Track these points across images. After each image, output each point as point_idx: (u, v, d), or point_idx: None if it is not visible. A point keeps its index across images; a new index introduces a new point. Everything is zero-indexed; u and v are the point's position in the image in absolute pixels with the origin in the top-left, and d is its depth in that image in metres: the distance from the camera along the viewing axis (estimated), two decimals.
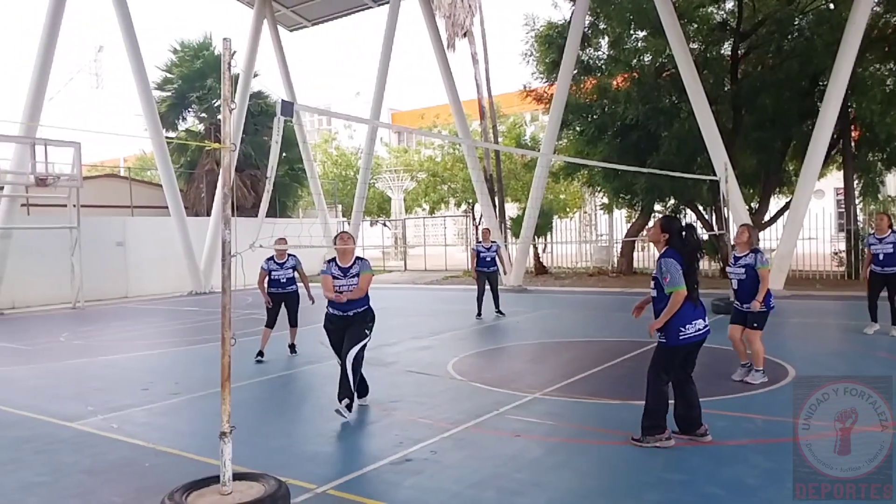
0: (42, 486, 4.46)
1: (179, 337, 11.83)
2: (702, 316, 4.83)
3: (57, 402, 6.80)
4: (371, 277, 6.09)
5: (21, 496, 4.31)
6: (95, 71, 48.34)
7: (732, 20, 18.90)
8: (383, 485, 4.34)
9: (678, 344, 4.76)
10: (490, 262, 12.42)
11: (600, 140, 19.96)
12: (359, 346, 5.81)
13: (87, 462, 4.91)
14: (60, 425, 5.89)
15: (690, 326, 4.75)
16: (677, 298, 4.66)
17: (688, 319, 4.75)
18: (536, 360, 8.72)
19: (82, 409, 6.44)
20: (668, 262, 4.73)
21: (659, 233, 4.89)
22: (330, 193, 32.83)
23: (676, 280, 4.67)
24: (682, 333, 4.74)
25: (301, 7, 24.10)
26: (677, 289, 4.67)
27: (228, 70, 3.87)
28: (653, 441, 4.76)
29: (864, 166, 18.73)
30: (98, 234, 18.58)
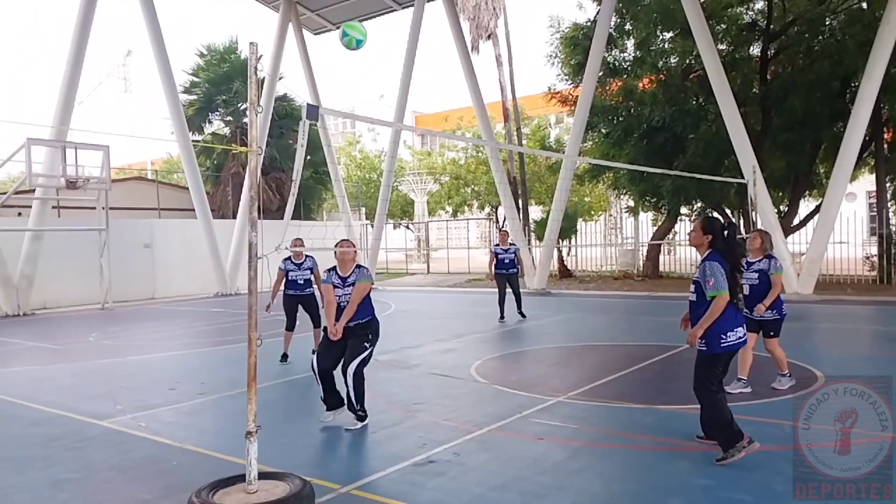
0: (72, 483, 4.53)
1: (206, 338, 11.99)
2: (742, 323, 4.64)
3: (87, 400, 6.92)
4: (367, 287, 5.66)
5: (52, 492, 4.39)
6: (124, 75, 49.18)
7: (762, 20, 18.61)
8: (406, 486, 4.34)
9: (720, 352, 4.55)
10: (509, 264, 12.31)
11: (626, 142, 19.82)
12: (359, 361, 5.51)
13: (116, 459, 4.99)
14: (90, 423, 6.00)
15: (732, 334, 4.54)
16: (720, 304, 4.45)
17: (730, 326, 4.53)
18: (560, 364, 8.67)
19: (111, 407, 6.55)
20: (713, 264, 4.51)
21: (701, 235, 4.67)
22: (354, 196, 33.04)
23: (720, 284, 4.46)
24: (723, 341, 4.53)
25: (326, 10, 24.29)
26: (720, 293, 4.45)
27: (255, 74, 3.91)
28: (736, 452, 4.43)
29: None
30: (126, 235, 18.94)
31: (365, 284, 5.63)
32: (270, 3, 23.51)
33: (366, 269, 5.82)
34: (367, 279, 5.70)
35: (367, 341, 5.60)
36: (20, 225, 16.91)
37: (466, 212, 36.40)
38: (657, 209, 21.97)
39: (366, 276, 5.72)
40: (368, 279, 5.71)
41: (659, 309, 14.28)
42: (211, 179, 27.61)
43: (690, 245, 4.79)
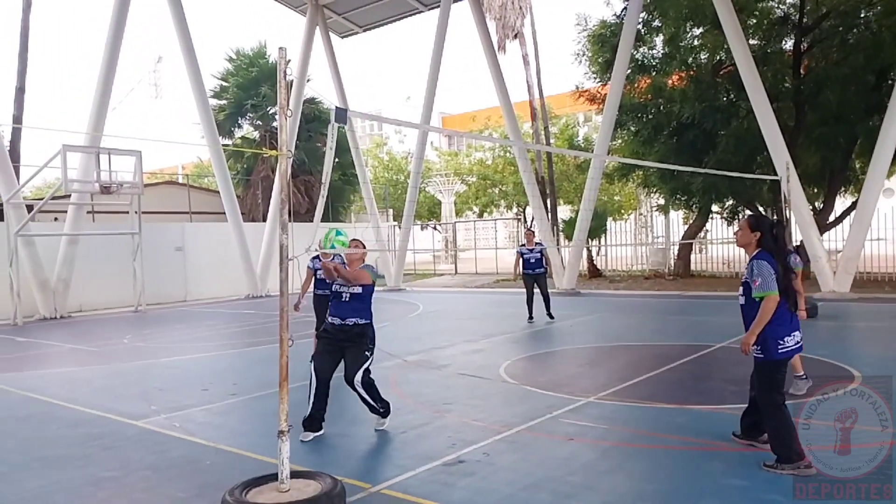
0: (111, 481, 4.64)
1: (237, 339, 12.16)
2: (798, 326, 4.41)
3: (122, 401, 7.05)
4: (367, 276, 5.46)
5: (92, 490, 4.50)
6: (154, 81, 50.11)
7: (794, 14, 18.24)
8: (436, 485, 4.35)
9: (779, 358, 4.32)
10: (535, 264, 12.19)
11: (655, 140, 19.62)
12: (362, 370, 5.38)
13: (152, 459, 5.09)
14: (126, 423, 6.12)
15: (790, 338, 4.31)
16: (769, 305, 4.20)
17: (787, 330, 4.30)
18: (590, 364, 8.60)
19: (146, 408, 6.67)
20: (760, 263, 4.29)
21: (749, 233, 4.44)
22: (381, 198, 33.21)
23: (769, 284, 4.22)
24: (781, 346, 4.28)
25: (352, 13, 24.45)
26: (769, 293, 4.21)
27: (284, 78, 3.96)
28: (790, 469, 4.24)
29: None
30: (158, 239, 19.31)
31: (367, 274, 5.46)
32: (298, 8, 23.74)
33: (371, 266, 5.63)
34: (373, 273, 5.55)
35: (367, 349, 5.43)
36: (56, 229, 17.35)
37: (494, 212, 36.34)
38: (688, 207, 21.70)
39: (372, 269, 5.56)
40: (373, 272, 5.53)
41: (690, 308, 14.08)
42: (241, 183, 28.00)
43: (738, 245, 4.59)
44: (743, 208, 20.63)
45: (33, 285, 15.99)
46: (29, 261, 15.87)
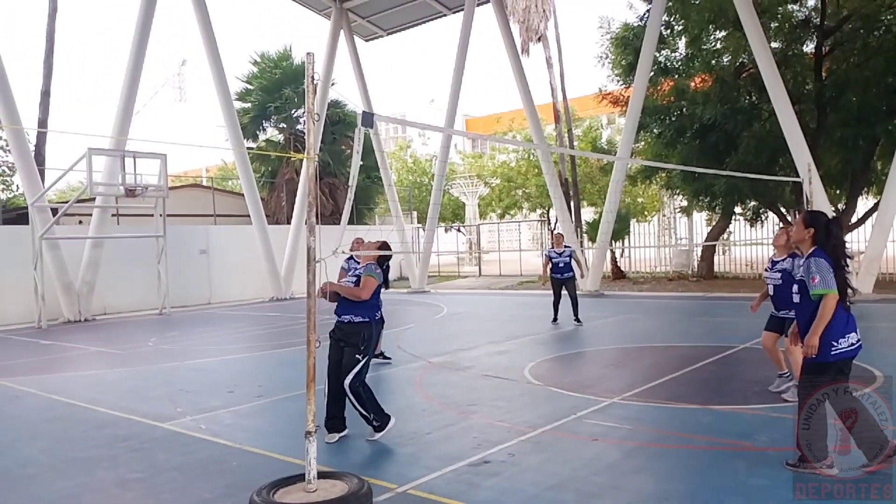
0: (138, 482, 4.71)
1: (262, 341, 12.30)
2: (854, 328, 4.23)
3: (148, 403, 7.13)
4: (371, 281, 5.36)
5: (120, 491, 4.58)
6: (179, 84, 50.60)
7: (815, 17, 18.19)
8: (462, 485, 4.38)
9: (831, 360, 4.16)
10: (564, 269, 12.05)
11: (678, 142, 19.62)
12: (352, 375, 5.26)
13: (179, 460, 5.16)
14: (152, 425, 6.19)
15: (844, 340, 4.15)
16: (830, 303, 4.07)
17: (841, 331, 4.15)
18: (614, 365, 8.64)
19: (172, 410, 6.74)
20: (818, 261, 4.16)
21: (803, 229, 4.32)
22: (405, 200, 33.31)
23: (827, 282, 4.08)
24: (834, 348, 4.14)
25: (377, 17, 24.59)
26: (828, 292, 4.08)
27: (312, 83, 4.02)
28: (811, 468, 4.23)
29: None
30: (183, 242, 19.46)
31: (370, 278, 5.36)
32: (322, 11, 23.94)
33: (373, 266, 5.47)
34: (374, 274, 5.40)
35: (358, 352, 5.30)
36: (81, 233, 17.53)
37: (517, 214, 36.27)
38: (711, 209, 21.59)
39: (371, 270, 5.42)
40: (375, 275, 5.41)
41: (714, 310, 13.98)
42: (265, 186, 28.24)
43: (794, 242, 4.55)
44: (766, 210, 20.46)
45: (57, 288, 16.08)
46: (53, 264, 15.95)
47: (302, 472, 4.07)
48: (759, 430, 5.33)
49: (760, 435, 5.20)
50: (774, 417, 5.66)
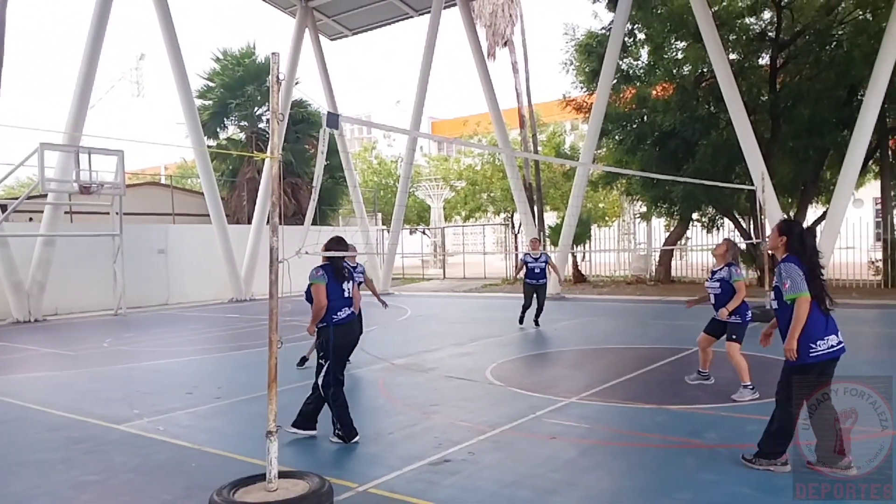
0: (94, 485, 4.63)
1: (221, 343, 12.13)
2: (835, 331, 4.33)
3: (104, 405, 6.97)
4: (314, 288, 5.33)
5: (74, 493, 4.51)
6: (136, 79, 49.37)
7: (771, 30, 18.84)
8: (422, 484, 4.45)
9: (809, 362, 4.25)
10: (539, 274, 11.81)
11: (639, 149, 20.05)
12: (321, 378, 5.35)
13: (136, 462, 5.09)
14: (108, 427, 6.07)
15: (822, 342, 4.26)
16: (802, 306, 4.19)
17: (820, 334, 4.26)
18: (573, 366, 8.83)
19: (129, 412, 6.62)
20: (788, 266, 4.30)
21: (777, 237, 4.48)
22: (370, 202, 33.20)
23: (798, 286, 4.22)
24: (812, 350, 4.24)
25: (342, 17, 24.51)
26: (799, 295, 4.21)
27: (277, 83, 4.03)
28: (766, 464, 4.38)
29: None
30: (140, 241, 19.01)
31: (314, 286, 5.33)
32: (287, 9, 23.75)
33: (314, 271, 5.39)
34: (315, 280, 5.34)
35: (320, 357, 5.41)
36: (31, 230, 16.99)
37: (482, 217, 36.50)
38: (669, 215, 22.08)
39: (313, 276, 5.36)
40: (316, 280, 5.34)
41: (670, 313, 14.33)
42: (226, 185, 27.84)
43: (769, 249, 4.70)
44: (722, 217, 21.03)
45: (6, 287, 15.60)
46: (2, 262, 15.46)
47: (263, 473, 4.07)
48: (709, 429, 5.52)
49: (710, 433, 5.40)
50: (724, 416, 5.87)
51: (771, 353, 8.00)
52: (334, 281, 5.38)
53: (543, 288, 11.96)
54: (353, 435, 5.38)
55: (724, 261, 6.64)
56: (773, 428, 4.40)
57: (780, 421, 4.38)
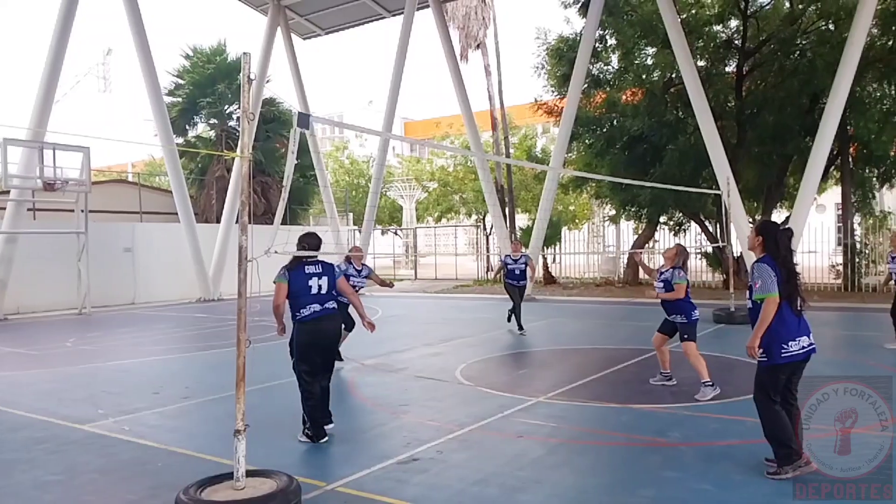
0: (57, 485, 4.59)
1: (189, 343, 12.02)
2: (807, 332, 4.36)
3: (67, 405, 6.89)
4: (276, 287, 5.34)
5: (37, 493, 4.46)
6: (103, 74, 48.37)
7: (737, 38, 19.24)
8: (391, 482, 4.49)
9: (781, 362, 4.29)
10: (520, 276, 11.67)
11: (608, 152, 20.32)
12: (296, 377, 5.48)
13: (100, 462, 5.04)
14: (72, 427, 6.00)
15: (794, 343, 4.28)
16: (769, 307, 4.23)
17: (792, 334, 4.29)
18: (542, 367, 8.95)
19: (93, 412, 6.54)
20: (761, 266, 4.34)
21: (754, 237, 4.53)
22: (341, 202, 33.06)
23: (767, 286, 4.26)
24: (784, 350, 4.27)
25: (315, 16, 24.37)
26: (768, 295, 4.24)
27: (248, 83, 4.03)
28: (791, 470, 4.26)
29: (860, 182, 19.19)
30: (106, 239, 18.68)
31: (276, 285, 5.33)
32: (259, 7, 23.53)
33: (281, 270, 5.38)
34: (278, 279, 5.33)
35: (291, 355, 5.50)
36: None
37: (454, 219, 36.61)
38: (637, 218, 22.39)
39: (278, 276, 5.35)
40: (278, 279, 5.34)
41: (638, 314, 14.55)
42: (195, 183, 27.47)
43: (748, 248, 4.75)
44: (689, 220, 21.40)
45: None
46: None
47: (231, 472, 4.06)
48: (673, 428, 5.64)
49: (674, 432, 5.52)
50: (687, 415, 6.00)
51: (733, 354, 8.27)
52: (299, 278, 5.34)
53: (522, 290, 11.87)
54: (318, 437, 5.39)
55: (672, 263, 6.92)
56: (768, 432, 4.38)
57: (769, 421, 4.36)
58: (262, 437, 5.39)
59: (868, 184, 19.49)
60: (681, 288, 6.76)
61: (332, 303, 5.49)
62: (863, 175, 19.31)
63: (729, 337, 10.46)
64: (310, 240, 5.52)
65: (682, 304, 6.84)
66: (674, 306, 6.90)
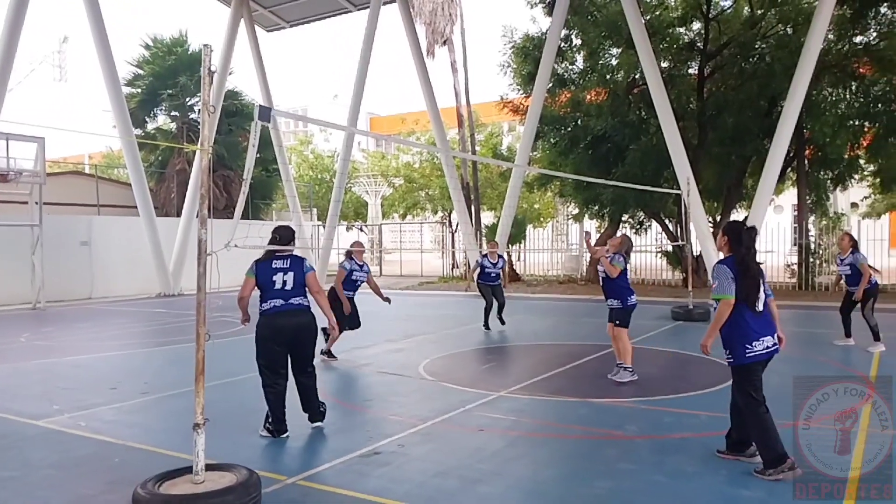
0: (12, 481, 4.51)
1: (148, 338, 11.82)
2: (772, 332, 4.39)
3: (21, 401, 6.74)
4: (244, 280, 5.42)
5: None
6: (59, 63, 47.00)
7: (699, 41, 19.61)
8: (352, 475, 4.51)
9: (746, 362, 4.33)
10: (494, 277, 11.65)
11: (572, 151, 20.53)
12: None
13: (56, 458, 4.97)
14: (26, 423, 5.89)
15: (759, 343, 4.31)
16: (722, 308, 4.29)
17: (755, 335, 4.31)
18: (504, 362, 9.06)
19: (48, 407, 6.42)
20: (720, 268, 4.36)
21: (722, 236, 4.53)
22: (305, 197, 32.77)
23: (722, 287, 4.29)
24: (749, 351, 4.30)
25: (279, 8, 24.12)
26: (723, 297, 4.28)
27: (209, 76, 3.99)
28: (776, 473, 4.20)
29: (815, 184, 19.76)
30: (61, 232, 18.28)
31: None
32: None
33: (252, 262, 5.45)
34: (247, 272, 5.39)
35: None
36: None
37: (419, 215, 36.60)
38: (600, 216, 22.69)
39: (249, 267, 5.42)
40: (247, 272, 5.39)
41: (599, 311, 14.53)
42: (154, 176, 26.96)
43: (717, 249, 4.70)
44: (650, 219, 21.79)
45: None
46: None
47: (190, 466, 4.04)
48: (630, 421, 5.77)
49: (630, 425, 5.64)
50: (644, 409, 6.14)
51: (690, 350, 8.47)
52: (266, 272, 5.33)
53: (500, 286, 11.84)
54: (282, 430, 5.37)
55: (615, 250, 7.34)
56: (755, 435, 4.37)
57: (753, 425, 4.35)
58: (224, 432, 5.35)
59: (823, 186, 20.10)
60: (615, 269, 7.15)
61: (299, 298, 5.40)
62: (818, 177, 19.90)
63: (687, 334, 10.70)
64: (281, 232, 5.49)
65: (619, 289, 7.23)
66: (611, 290, 7.28)
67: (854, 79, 18.42)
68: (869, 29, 18.13)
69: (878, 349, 8.82)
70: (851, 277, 9.04)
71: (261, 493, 3.99)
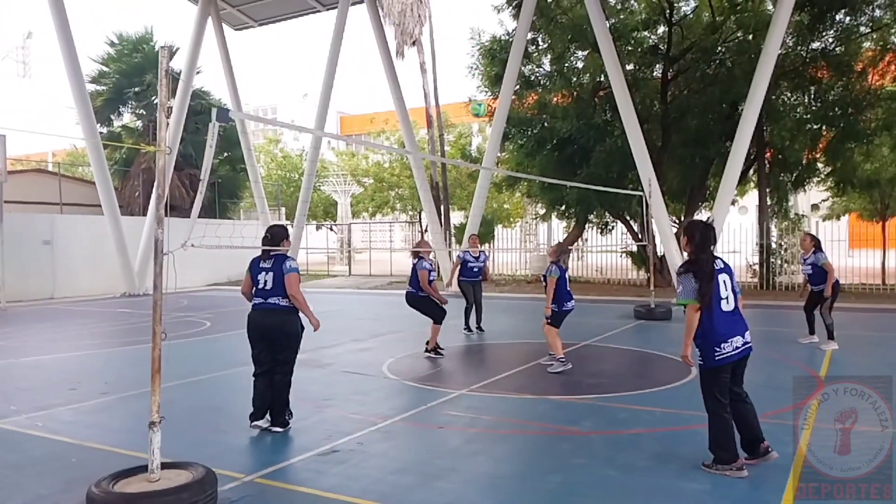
0: None
1: (110, 338, 11.64)
2: (741, 332, 4.36)
3: None
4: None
5: None
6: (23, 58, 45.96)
7: (663, 45, 19.95)
8: (309, 473, 4.56)
9: (715, 365, 4.30)
10: (477, 273, 11.38)
11: (538, 153, 20.72)
12: None
13: (11, 458, 4.94)
14: None
15: (727, 345, 4.27)
16: (690, 314, 4.25)
17: (723, 337, 4.28)
18: (468, 361, 9.16)
19: (5, 408, 6.35)
20: (682, 273, 4.35)
21: (684, 237, 4.49)
22: (273, 196, 32.52)
23: (687, 292, 4.27)
24: (718, 353, 4.27)
25: (247, 7, 23.90)
26: (687, 302, 4.27)
27: (166, 76, 4.01)
28: (722, 469, 4.32)
29: (776, 185, 20.28)
30: (23, 231, 17.96)
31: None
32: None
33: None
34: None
35: None
36: None
37: (389, 214, 36.59)
38: (566, 217, 22.95)
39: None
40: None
41: None
42: (119, 174, 26.53)
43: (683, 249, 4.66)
44: (614, 219, 22.12)
45: None
46: None
47: (146, 464, 4.05)
48: (586, 417, 5.91)
49: (586, 421, 5.78)
50: (601, 406, 6.28)
51: (650, 349, 8.66)
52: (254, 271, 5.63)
53: (481, 286, 11.54)
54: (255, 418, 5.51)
55: (553, 259, 7.92)
56: (713, 434, 4.39)
57: (714, 427, 4.38)
58: (183, 431, 5.36)
59: (783, 188, 20.66)
60: (553, 281, 7.77)
61: (276, 298, 5.50)
62: (778, 179, 20.43)
63: (648, 333, 10.89)
64: (271, 230, 5.74)
65: (557, 294, 7.84)
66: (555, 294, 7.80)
67: (812, 83, 18.94)
68: (826, 35, 18.64)
69: (830, 347, 9.11)
70: (814, 276, 9.34)
71: (217, 490, 4.00)
